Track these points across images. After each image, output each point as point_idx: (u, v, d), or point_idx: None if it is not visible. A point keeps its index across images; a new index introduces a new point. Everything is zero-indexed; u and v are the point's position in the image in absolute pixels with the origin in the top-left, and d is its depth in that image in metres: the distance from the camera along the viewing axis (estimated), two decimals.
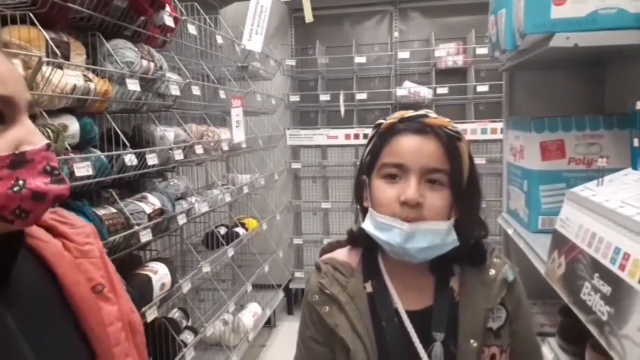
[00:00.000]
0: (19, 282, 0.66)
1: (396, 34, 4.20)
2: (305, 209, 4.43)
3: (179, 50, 2.65)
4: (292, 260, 4.41)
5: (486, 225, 1.02)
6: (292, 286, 4.27)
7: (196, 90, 2.52)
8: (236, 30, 3.34)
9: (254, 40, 3.25)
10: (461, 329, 0.94)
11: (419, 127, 0.95)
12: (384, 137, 0.98)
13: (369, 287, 1.00)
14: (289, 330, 3.96)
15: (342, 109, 4.06)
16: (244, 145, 3.20)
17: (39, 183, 0.60)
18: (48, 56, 1.57)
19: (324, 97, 4.14)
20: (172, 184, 2.41)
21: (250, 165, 3.74)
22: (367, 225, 0.97)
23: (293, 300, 4.32)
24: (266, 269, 3.58)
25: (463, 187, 0.94)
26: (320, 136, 4.14)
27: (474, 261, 0.99)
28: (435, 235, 0.91)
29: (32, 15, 1.57)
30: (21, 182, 0.58)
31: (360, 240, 1.03)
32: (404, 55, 4.02)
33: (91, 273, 0.73)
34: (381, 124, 1.01)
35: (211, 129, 2.89)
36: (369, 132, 1.04)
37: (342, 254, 1.07)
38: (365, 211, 1.02)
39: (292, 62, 4.21)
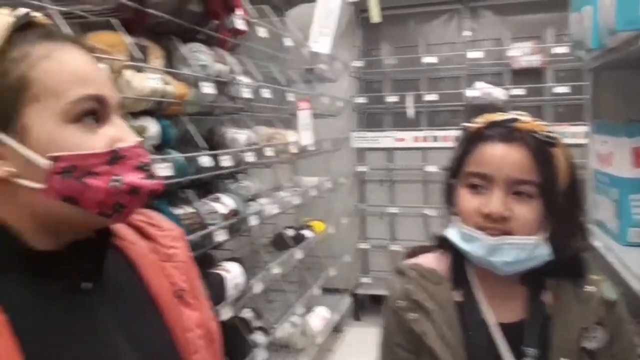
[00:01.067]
0: (110, 279, 0.67)
1: (466, 33, 4.06)
2: (371, 213, 4.37)
3: (247, 52, 2.68)
4: (358, 265, 4.36)
5: (588, 237, 0.94)
6: (358, 291, 4.21)
7: (266, 93, 2.54)
8: (300, 32, 3.35)
9: (321, 42, 3.24)
10: (553, 346, 0.88)
11: (506, 132, 0.89)
12: (469, 142, 0.93)
13: (458, 296, 0.95)
14: (356, 336, 3.90)
15: (411, 111, 3.97)
16: (311, 148, 3.20)
17: (134, 178, 0.60)
18: (129, 60, 1.62)
19: (391, 99, 4.07)
20: (243, 185, 2.44)
21: (315, 167, 3.73)
22: (452, 233, 0.93)
23: (360, 305, 4.26)
24: (333, 272, 3.55)
25: (558, 198, 0.87)
26: (387, 138, 4.07)
27: (570, 275, 0.93)
28: (522, 249, 0.86)
29: (115, 20, 1.63)
30: (118, 177, 0.59)
31: (448, 246, 0.98)
32: (474, 54, 3.88)
33: (174, 277, 0.73)
34: (467, 127, 0.96)
35: (280, 131, 2.91)
36: (439, 134, 0.99)
37: (427, 260, 1.02)
38: (451, 216, 0.97)
39: (359, 63, 4.17)
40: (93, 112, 0.60)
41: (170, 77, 1.85)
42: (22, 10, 0.61)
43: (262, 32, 2.47)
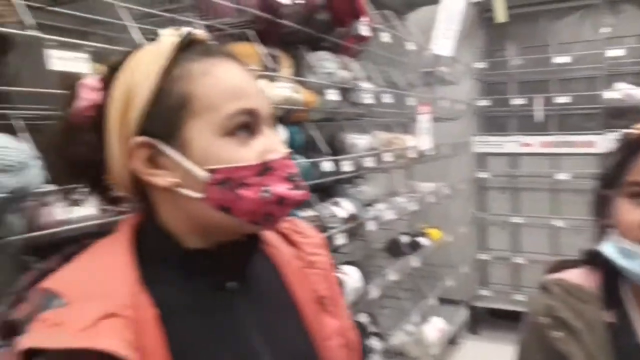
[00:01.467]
0: (255, 281, 0.70)
1: (604, 30, 3.70)
2: (492, 222, 4.15)
3: (368, 57, 2.69)
4: (476, 276, 4.17)
5: None
6: (476, 303, 4.03)
7: (387, 98, 2.53)
8: (419, 35, 3.29)
9: (442, 45, 3.16)
10: None
11: None
12: (629, 149, 0.85)
13: (609, 317, 0.87)
14: (472, 350, 3.73)
15: (540, 114, 3.71)
16: (430, 153, 3.12)
17: (282, 189, 0.62)
18: (263, 70, 1.70)
19: (516, 101, 3.84)
20: (361, 190, 2.45)
21: (431, 172, 3.64)
22: (608, 249, 0.85)
23: (477, 319, 4.06)
24: (450, 282, 3.43)
25: None
26: (511, 143, 3.84)
27: None
28: None
29: (250, 32, 1.72)
30: (267, 188, 0.61)
31: (599, 262, 0.89)
32: (614, 52, 3.52)
33: (316, 284, 0.74)
34: (628, 133, 0.87)
35: (398, 136, 2.88)
36: (570, 139, 0.91)
37: (573, 276, 0.94)
38: (604, 229, 0.88)
39: (482, 65, 4.00)
40: (246, 126, 0.63)
41: (297, 85, 1.92)
42: (185, 30, 0.65)
43: (385, 37, 2.46)
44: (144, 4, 1.60)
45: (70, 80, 1.26)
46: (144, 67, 0.62)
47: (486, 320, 4.03)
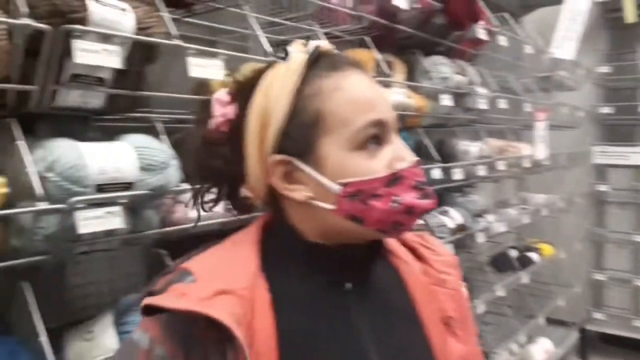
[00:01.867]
0: (376, 287, 0.70)
1: None
2: (610, 240, 3.80)
3: (483, 61, 2.58)
4: (590, 298, 3.84)
5: None
6: (588, 327, 3.71)
7: (502, 104, 2.41)
8: (536, 37, 3.09)
9: (564, 48, 2.95)
10: None
11: None
12: None
13: None
14: None
15: None
16: (546, 162, 2.93)
17: (410, 198, 0.62)
18: (377, 75, 1.69)
19: None
20: (471, 199, 2.36)
21: (544, 184, 3.41)
22: None
23: (589, 343, 3.75)
24: (561, 302, 3.20)
25: None
26: (638, 155, 3.50)
27: None
28: None
29: (367, 38, 1.72)
30: (397, 198, 0.62)
31: None
32: None
33: (443, 303, 0.72)
34: None
35: (512, 143, 2.73)
36: None
37: None
38: None
39: (605, 69, 3.68)
40: (376, 137, 0.63)
41: (410, 90, 1.89)
42: (312, 45, 0.67)
43: (502, 40, 2.35)
44: (264, 13, 1.67)
45: (202, 87, 1.34)
46: (278, 86, 0.64)
47: (598, 346, 3.71)
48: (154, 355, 0.60)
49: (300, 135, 0.63)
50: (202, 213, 1.22)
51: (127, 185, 1.00)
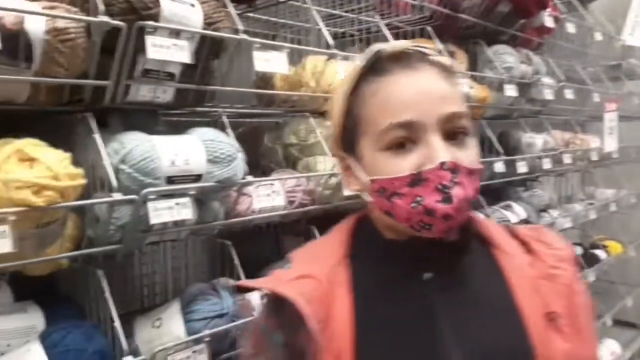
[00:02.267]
0: (463, 278, 0.71)
1: None
2: None
3: (549, 50, 2.47)
4: None
5: None
6: None
7: (569, 94, 2.30)
8: (605, 24, 2.92)
9: (636, 34, 2.77)
10: None
11: None
12: None
13: None
14: None
15: None
16: (615, 155, 2.78)
17: (430, 200, 0.63)
18: None
19: None
20: (535, 194, 2.27)
21: (612, 178, 3.22)
22: None
23: None
24: (629, 303, 3.03)
25: None
26: None
27: None
28: None
29: (429, 28, 1.68)
30: (418, 199, 0.64)
31: None
32: None
33: (549, 298, 0.69)
34: None
35: (578, 136, 2.61)
36: None
37: None
38: None
39: None
40: (404, 138, 0.65)
41: (472, 80, 1.83)
42: (372, 50, 0.70)
43: (570, 27, 2.23)
44: (324, 6, 1.66)
45: (264, 81, 1.35)
46: (339, 91, 0.72)
47: None
48: (260, 325, 0.73)
49: (349, 135, 0.71)
50: (264, 205, 1.24)
51: (196, 177, 1.03)
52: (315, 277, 0.69)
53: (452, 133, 0.65)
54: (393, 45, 0.70)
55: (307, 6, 1.32)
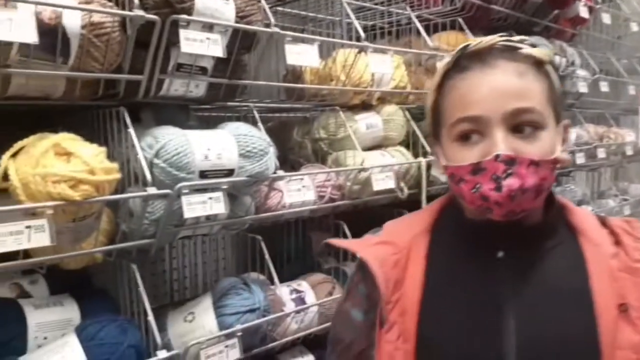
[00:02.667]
0: (539, 261, 0.75)
1: None
2: None
3: (583, 41, 2.40)
4: None
5: None
6: None
7: (604, 87, 2.23)
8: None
9: None
10: None
11: None
12: None
13: None
14: None
15: None
16: None
17: (486, 187, 0.70)
18: None
19: None
20: (568, 189, 2.21)
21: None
22: None
23: None
24: None
25: None
26: None
27: None
28: None
29: (460, 20, 1.65)
30: (477, 186, 0.70)
31: None
32: None
33: (626, 289, 0.71)
34: None
35: (613, 129, 2.53)
36: None
37: None
38: None
39: None
40: (470, 130, 0.71)
41: None
42: (459, 47, 0.75)
43: (606, 18, 2.16)
44: None
45: (294, 75, 1.34)
46: (430, 85, 0.79)
47: None
48: (352, 277, 0.87)
49: (436, 125, 0.79)
50: (295, 200, 1.23)
51: (228, 172, 1.02)
52: (395, 243, 0.80)
53: (519, 126, 0.70)
54: (477, 42, 0.74)
55: None
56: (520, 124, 0.69)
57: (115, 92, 0.97)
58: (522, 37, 0.77)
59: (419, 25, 1.50)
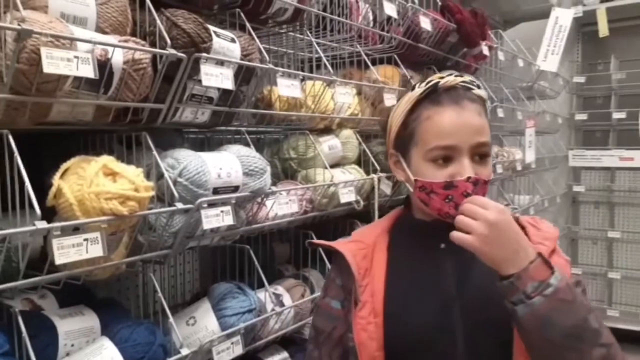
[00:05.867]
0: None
1: None
2: (583, 237, 4.14)
3: (483, 73, 2.83)
4: None
5: None
6: None
7: (500, 112, 2.67)
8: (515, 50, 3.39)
9: (549, 60, 3.25)
10: None
11: None
12: None
13: None
14: None
15: None
16: (533, 165, 3.21)
17: (458, 200, 0.90)
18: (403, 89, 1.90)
19: (618, 115, 3.84)
20: None
21: (526, 185, 3.70)
22: None
23: None
24: None
25: None
26: (611, 157, 3.84)
27: None
28: None
29: (394, 56, 1.93)
30: (450, 197, 0.91)
31: None
32: None
33: None
34: None
35: (505, 148, 3.00)
36: None
37: None
38: None
39: (581, 79, 4.02)
40: (444, 156, 0.91)
41: None
42: (431, 81, 0.95)
43: (501, 55, 2.60)
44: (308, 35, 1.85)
45: (264, 101, 1.50)
46: (399, 109, 0.99)
47: None
48: (330, 273, 1.07)
49: (403, 141, 0.98)
50: (285, 212, 1.40)
51: (235, 188, 1.17)
52: (363, 241, 1.02)
53: (478, 155, 0.92)
54: (446, 80, 0.94)
55: (309, 38, 1.51)
56: (478, 153, 0.91)
57: (139, 118, 1.08)
58: (470, 77, 1.01)
59: (367, 60, 1.75)
